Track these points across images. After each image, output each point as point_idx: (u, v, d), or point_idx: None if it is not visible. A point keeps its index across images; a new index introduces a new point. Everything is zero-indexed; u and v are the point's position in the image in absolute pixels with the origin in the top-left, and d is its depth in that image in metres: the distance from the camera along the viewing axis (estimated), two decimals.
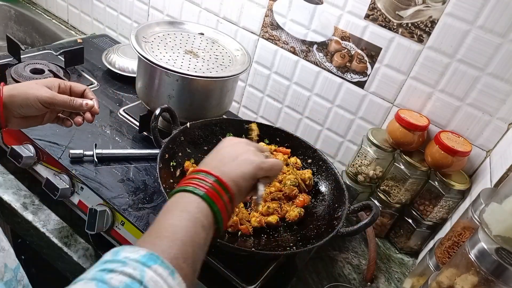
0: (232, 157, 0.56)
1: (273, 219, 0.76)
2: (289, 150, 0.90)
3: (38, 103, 0.66)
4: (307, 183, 0.85)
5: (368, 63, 0.97)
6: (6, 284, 0.54)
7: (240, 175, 0.54)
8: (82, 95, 0.74)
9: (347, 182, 1.01)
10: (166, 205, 0.48)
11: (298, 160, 0.90)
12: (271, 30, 1.08)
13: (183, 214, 0.45)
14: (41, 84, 0.69)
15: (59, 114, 0.74)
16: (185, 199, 0.48)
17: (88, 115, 0.74)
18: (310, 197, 0.84)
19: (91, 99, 0.73)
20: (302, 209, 0.81)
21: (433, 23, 0.85)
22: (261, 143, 0.91)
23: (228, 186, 0.51)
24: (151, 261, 0.36)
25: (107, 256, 0.38)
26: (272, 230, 0.77)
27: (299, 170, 0.89)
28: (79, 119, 0.74)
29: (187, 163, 0.83)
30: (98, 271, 0.35)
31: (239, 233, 0.73)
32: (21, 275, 0.59)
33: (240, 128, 0.94)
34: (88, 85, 1.10)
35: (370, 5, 0.91)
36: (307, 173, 0.85)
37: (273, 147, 0.90)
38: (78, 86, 0.74)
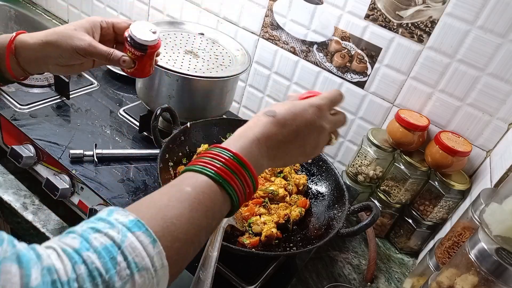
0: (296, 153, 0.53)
1: (267, 232, 0.74)
2: None
3: (76, 53, 0.62)
4: (300, 188, 0.86)
5: (368, 63, 0.97)
6: None
7: (281, 164, 0.52)
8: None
9: (347, 182, 1.01)
10: (169, 184, 0.45)
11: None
12: (271, 30, 1.08)
13: (182, 195, 0.42)
14: (81, 29, 0.63)
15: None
16: (189, 180, 0.44)
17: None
18: (308, 200, 0.85)
19: None
20: (303, 209, 0.81)
21: (433, 23, 0.85)
22: None
23: (247, 164, 0.46)
24: (136, 227, 0.36)
25: (102, 213, 0.38)
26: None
27: (297, 173, 0.89)
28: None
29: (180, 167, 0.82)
30: (88, 228, 0.36)
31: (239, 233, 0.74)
32: None
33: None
34: (88, 85, 1.10)
35: (370, 5, 0.91)
36: (302, 179, 0.86)
37: None
38: (121, 24, 0.68)
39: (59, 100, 1.02)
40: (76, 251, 0.33)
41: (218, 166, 0.45)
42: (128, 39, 0.66)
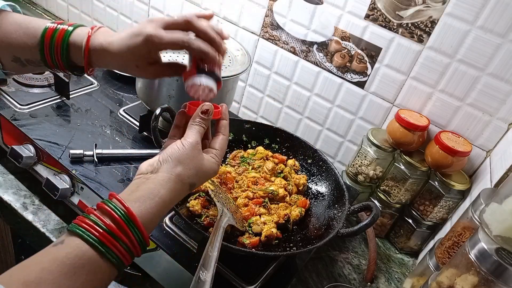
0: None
1: (267, 232, 0.74)
2: (285, 158, 0.90)
3: (155, 53, 0.59)
4: (300, 188, 0.86)
5: (368, 63, 0.97)
6: None
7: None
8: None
9: (347, 182, 1.01)
10: (47, 250, 0.42)
11: (297, 163, 0.90)
12: (271, 30, 1.08)
13: (58, 266, 0.40)
14: (161, 26, 0.57)
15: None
16: (69, 248, 0.42)
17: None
18: (308, 200, 0.85)
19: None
20: (303, 209, 0.81)
21: (433, 23, 0.85)
22: (260, 147, 0.91)
23: (138, 224, 0.45)
24: None
25: None
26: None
27: (297, 173, 0.89)
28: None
29: None
30: None
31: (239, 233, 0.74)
32: None
33: (240, 128, 0.94)
34: (88, 85, 1.10)
35: (370, 5, 0.91)
36: (302, 179, 0.86)
37: (269, 152, 0.90)
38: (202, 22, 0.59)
39: (59, 100, 1.02)
40: None
41: (101, 231, 0.43)
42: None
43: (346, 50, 0.99)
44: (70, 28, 0.58)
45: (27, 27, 0.58)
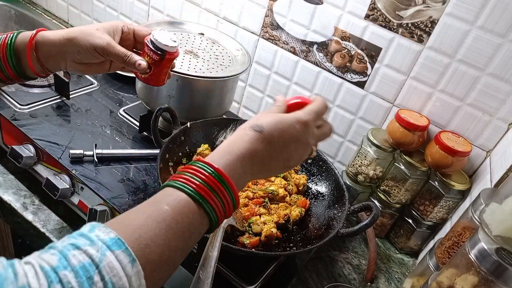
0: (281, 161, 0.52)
1: (267, 232, 0.74)
2: None
3: (94, 51, 0.63)
4: (300, 188, 0.86)
5: (368, 63, 0.97)
6: None
7: (265, 175, 0.52)
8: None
9: (347, 182, 1.01)
10: (149, 200, 0.44)
11: None
12: (271, 30, 1.08)
13: (160, 214, 0.42)
14: (103, 29, 0.64)
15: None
16: (169, 197, 0.44)
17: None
18: (308, 200, 0.85)
19: None
20: (303, 209, 0.81)
21: (433, 23, 0.85)
22: None
23: (229, 181, 0.46)
24: (116, 245, 0.36)
25: (84, 228, 0.38)
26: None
27: (297, 173, 0.89)
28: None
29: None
30: (68, 244, 0.36)
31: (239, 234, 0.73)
32: None
33: None
34: (88, 85, 1.10)
35: (370, 5, 0.91)
36: (302, 179, 0.87)
37: None
38: (142, 31, 0.69)
39: (59, 100, 1.02)
40: (53, 269, 0.33)
41: (198, 183, 0.44)
42: (148, 42, 0.66)
43: (346, 50, 0.99)
44: (14, 33, 0.63)
45: None
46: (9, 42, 0.62)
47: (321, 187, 0.88)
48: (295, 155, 0.54)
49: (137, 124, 1.00)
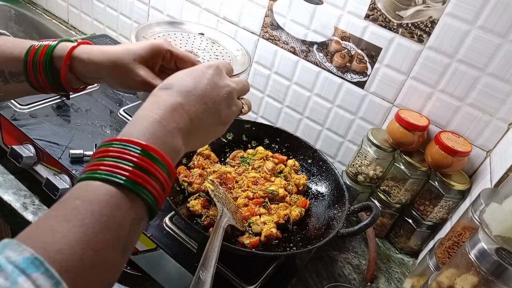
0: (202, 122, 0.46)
1: (267, 232, 0.73)
2: (285, 158, 0.90)
3: (130, 89, 0.58)
4: (300, 188, 0.86)
5: (368, 63, 0.97)
6: None
7: (199, 144, 0.47)
8: None
9: (347, 182, 1.01)
10: (65, 197, 0.36)
11: (296, 163, 0.90)
12: (271, 30, 1.08)
13: (69, 213, 0.34)
14: (140, 59, 0.56)
15: None
16: (88, 191, 0.36)
17: None
18: (308, 200, 0.85)
19: None
20: (303, 209, 0.81)
21: (433, 23, 0.85)
22: (260, 147, 0.91)
23: (162, 155, 0.39)
24: (33, 267, 0.29)
25: None
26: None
27: (297, 173, 0.89)
28: None
29: (180, 168, 0.82)
30: None
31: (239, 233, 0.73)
32: None
33: (240, 128, 0.94)
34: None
35: (370, 5, 0.91)
36: (302, 179, 0.86)
37: (269, 153, 0.90)
38: (185, 59, 0.59)
39: (59, 100, 1.01)
40: None
41: (130, 169, 0.37)
42: None
43: (346, 50, 0.99)
44: (54, 43, 0.56)
45: (14, 42, 0.56)
46: (47, 51, 0.55)
47: (321, 187, 0.88)
48: (221, 102, 0.49)
49: None
